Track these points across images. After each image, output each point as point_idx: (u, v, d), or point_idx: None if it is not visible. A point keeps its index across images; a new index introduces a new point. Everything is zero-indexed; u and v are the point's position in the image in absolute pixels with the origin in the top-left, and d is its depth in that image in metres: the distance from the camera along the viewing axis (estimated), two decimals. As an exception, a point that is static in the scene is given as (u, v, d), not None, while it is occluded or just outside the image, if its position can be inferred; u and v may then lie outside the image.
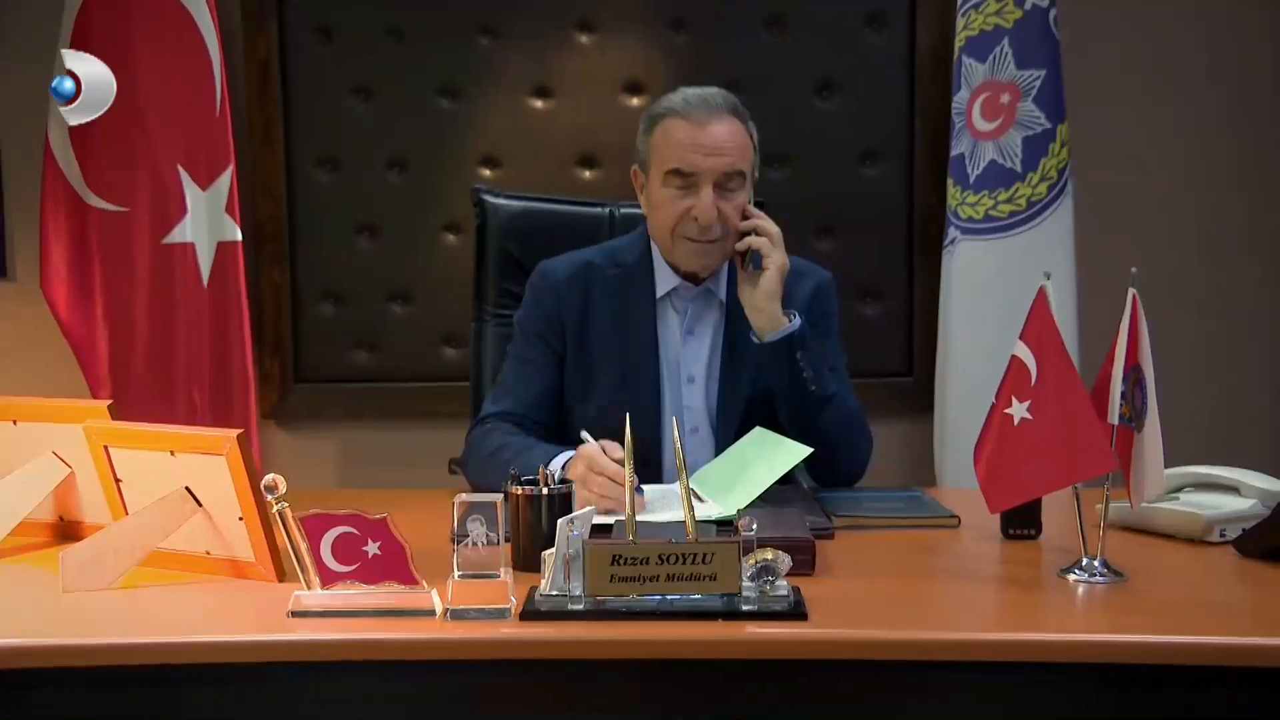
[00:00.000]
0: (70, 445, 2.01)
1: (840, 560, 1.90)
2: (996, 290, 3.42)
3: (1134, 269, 1.80)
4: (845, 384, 2.51)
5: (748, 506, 2.07)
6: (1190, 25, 3.72)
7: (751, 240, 2.37)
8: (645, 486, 2.33)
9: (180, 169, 3.51)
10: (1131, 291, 1.80)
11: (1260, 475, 2.07)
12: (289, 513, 1.67)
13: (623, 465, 2.14)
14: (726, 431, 2.45)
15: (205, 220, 3.53)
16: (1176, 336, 3.23)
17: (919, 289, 3.77)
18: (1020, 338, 1.85)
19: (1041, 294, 1.84)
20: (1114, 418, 1.81)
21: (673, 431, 2.45)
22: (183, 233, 3.52)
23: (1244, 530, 1.94)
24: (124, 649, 1.61)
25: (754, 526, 1.66)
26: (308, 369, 3.86)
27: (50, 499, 2.04)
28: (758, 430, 2.37)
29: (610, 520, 1.97)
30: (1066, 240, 3.42)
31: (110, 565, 1.79)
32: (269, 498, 1.67)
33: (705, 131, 2.36)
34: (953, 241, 3.47)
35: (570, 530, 1.66)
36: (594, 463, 2.16)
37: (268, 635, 1.63)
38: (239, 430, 1.77)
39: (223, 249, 3.56)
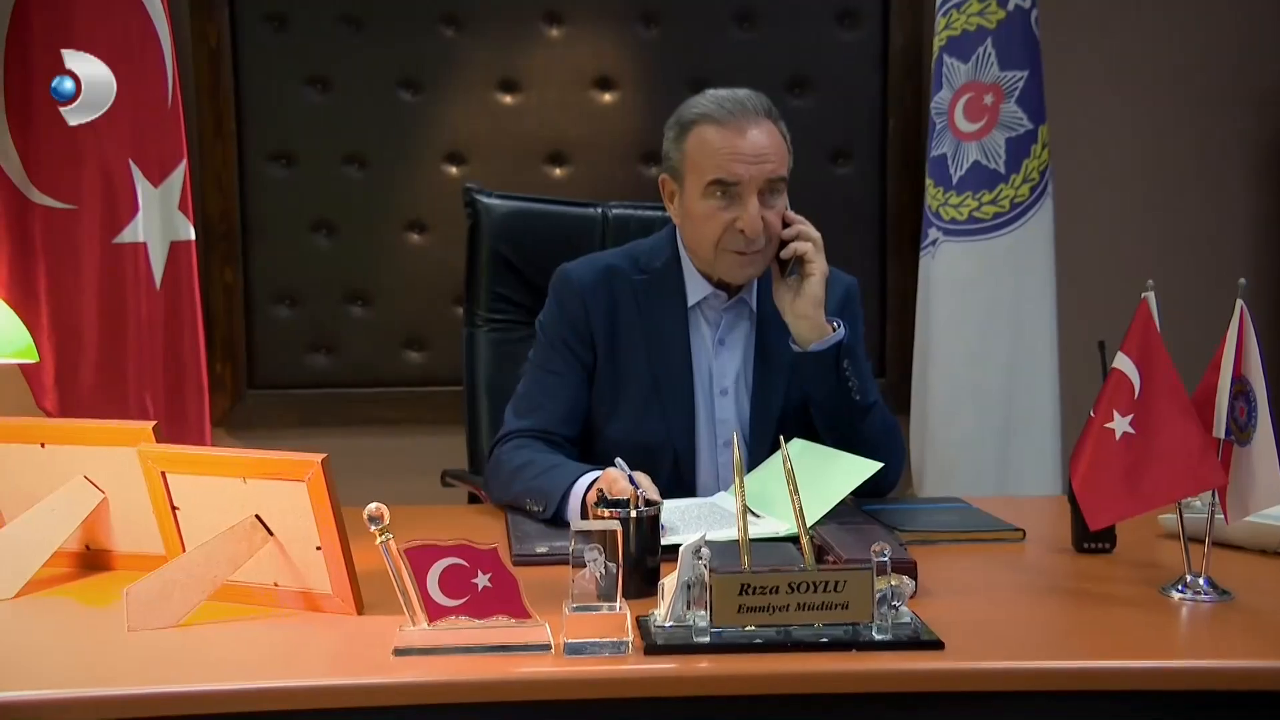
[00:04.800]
0: (102, 469, 1.86)
1: (928, 579, 1.82)
2: (979, 292, 3.42)
3: (1242, 280, 1.77)
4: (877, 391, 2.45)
5: (816, 523, 1.99)
6: (1167, 28, 3.76)
7: (797, 246, 2.29)
8: (685, 501, 2.26)
9: (131, 164, 3.30)
10: (1239, 303, 1.77)
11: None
12: (394, 545, 1.55)
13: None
14: (760, 445, 2.37)
15: (157, 218, 3.33)
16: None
17: (892, 290, 3.75)
18: (1121, 349, 1.80)
19: (1144, 305, 1.80)
20: (1220, 431, 1.77)
21: (711, 445, 2.40)
22: (134, 232, 3.31)
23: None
24: (214, 696, 1.47)
25: (886, 553, 1.58)
26: (261, 374, 3.69)
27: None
28: (800, 442, 2.29)
29: (677, 540, 1.87)
30: (1047, 241, 3.42)
31: (178, 601, 1.64)
32: (373, 529, 1.55)
33: (745, 138, 2.25)
34: (934, 242, 3.45)
35: (697, 558, 1.57)
36: (614, 486, 2.00)
37: (376, 678, 1.50)
38: (323, 455, 1.64)
39: (176, 249, 3.36)
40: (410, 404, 3.67)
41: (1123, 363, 1.80)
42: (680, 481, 2.37)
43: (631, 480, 1.95)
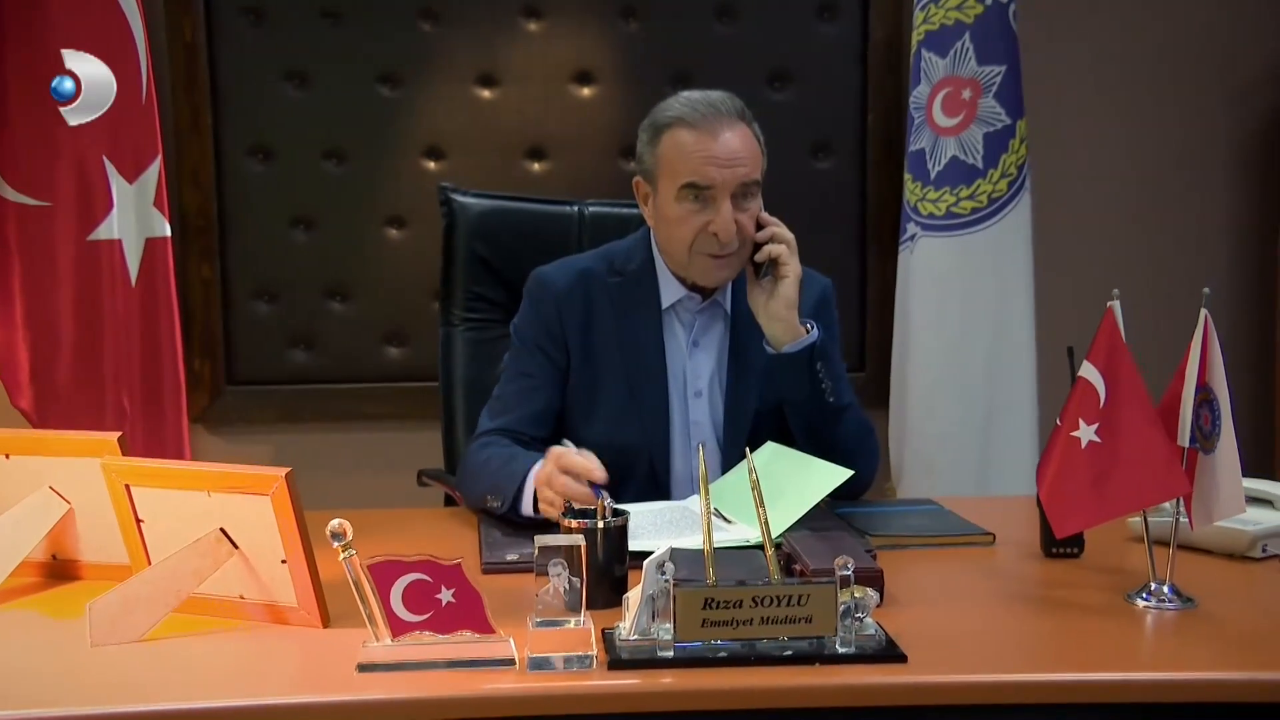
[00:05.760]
0: (67, 479, 1.86)
1: (895, 586, 1.83)
2: (958, 287, 3.42)
3: (1206, 289, 1.77)
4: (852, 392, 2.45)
5: (786, 531, 1.99)
6: (1146, 22, 3.76)
7: (771, 249, 2.28)
8: (658, 505, 2.26)
9: (105, 160, 3.29)
10: (1204, 312, 1.77)
11: (1295, 487, 2.08)
12: (357, 561, 1.55)
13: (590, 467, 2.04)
14: (734, 446, 2.37)
15: (133, 215, 3.33)
16: (1130, 331, 3.29)
17: (871, 284, 3.76)
18: (1087, 358, 1.80)
19: (1110, 314, 1.80)
20: (1184, 440, 1.78)
21: (686, 447, 2.40)
22: (109, 229, 3.30)
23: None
24: (173, 716, 1.47)
25: (850, 567, 1.58)
26: (240, 370, 3.68)
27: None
28: (772, 446, 2.29)
29: (648, 546, 1.87)
30: (1025, 236, 3.43)
31: (142, 616, 1.64)
32: (335, 545, 1.55)
33: (718, 141, 2.24)
34: (912, 237, 3.45)
35: (659, 573, 1.57)
36: (561, 459, 2.06)
37: (339, 695, 1.50)
38: (287, 469, 1.63)
39: (151, 245, 3.36)
40: (390, 399, 3.66)
41: (1088, 371, 1.80)
42: (655, 483, 2.38)
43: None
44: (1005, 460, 3.42)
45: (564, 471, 2.06)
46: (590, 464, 2.05)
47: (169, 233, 3.37)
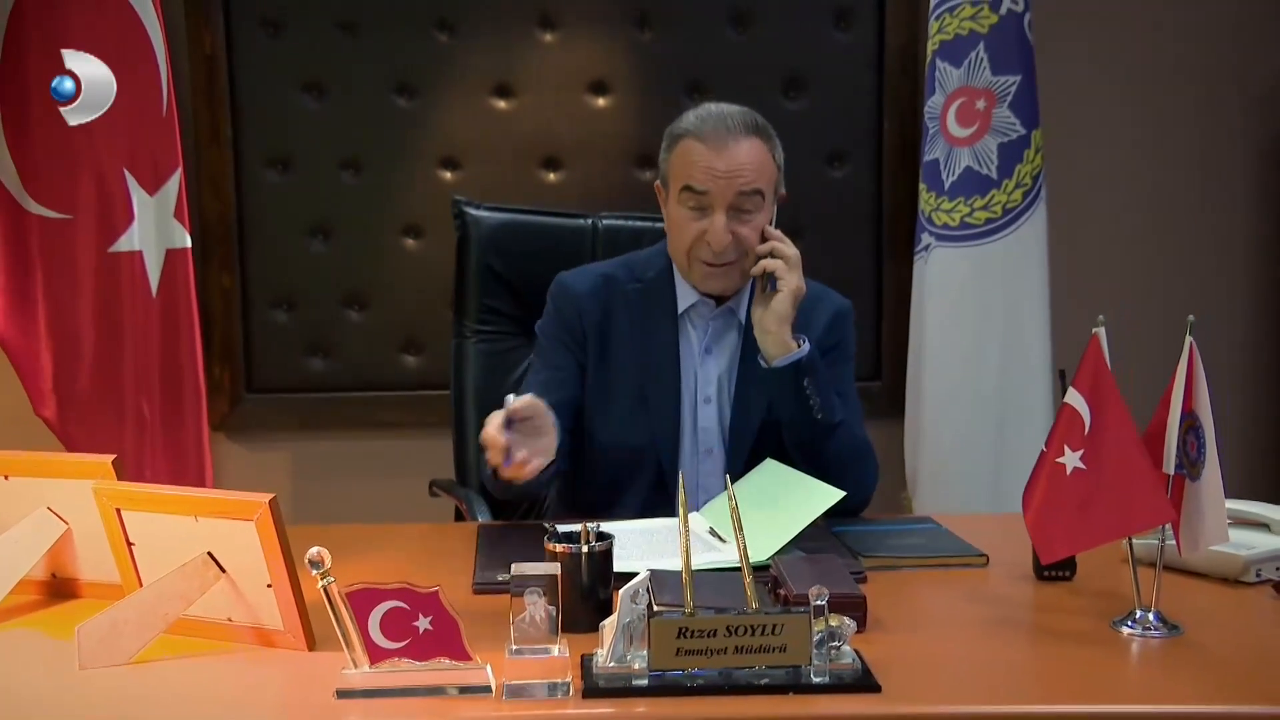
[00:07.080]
0: (65, 500, 1.89)
1: (882, 610, 1.84)
2: (972, 297, 3.41)
3: (1191, 317, 1.76)
4: (854, 411, 2.45)
5: (777, 553, 2.00)
6: (1162, 30, 3.73)
7: (766, 263, 2.31)
8: (655, 522, 2.27)
9: (126, 173, 3.33)
10: (1189, 340, 1.76)
11: (1291, 510, 2.06)
12: (335, 589, 1.57)
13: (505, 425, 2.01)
14: (738, 454, 2.41)
15: (153, 227, 3.36)
16: (1146, 344, 3.25)
17: (888, 292, 3.75)
18: (1072, 384, 1.81)
19: (1094, 341, 1.79)
20: (1169, 467, 1.77)
21: (694, 452, 2.43)
22: (130, 240, 3.34)
23: (1281, 570, 1.94)
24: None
25: (825, 597, 1.59)
26: (259, 378, 3.73)
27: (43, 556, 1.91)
28: (771, 463, 2.31)
29: (637, 568, 1.88)
30: (1040, 247, 3.41)
31: (130, 638, 1.67)
32: (314, 573, 1.57)
33: (721, 154, 2.30)
34: (926, 248, 3.44)
35: (634, 602, 1.58)
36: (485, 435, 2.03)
37: (318, 721, 1.53)
38: (271, 495, 1.66)
39: (172, 256, 3.39)
40: (406, 407, 3.70)
41: (1074, 398, 1.80)
42: (663, 486, 2.41)
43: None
44: (1019, 470, 3.32)
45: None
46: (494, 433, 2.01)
47: (189, 244, 3.40)
